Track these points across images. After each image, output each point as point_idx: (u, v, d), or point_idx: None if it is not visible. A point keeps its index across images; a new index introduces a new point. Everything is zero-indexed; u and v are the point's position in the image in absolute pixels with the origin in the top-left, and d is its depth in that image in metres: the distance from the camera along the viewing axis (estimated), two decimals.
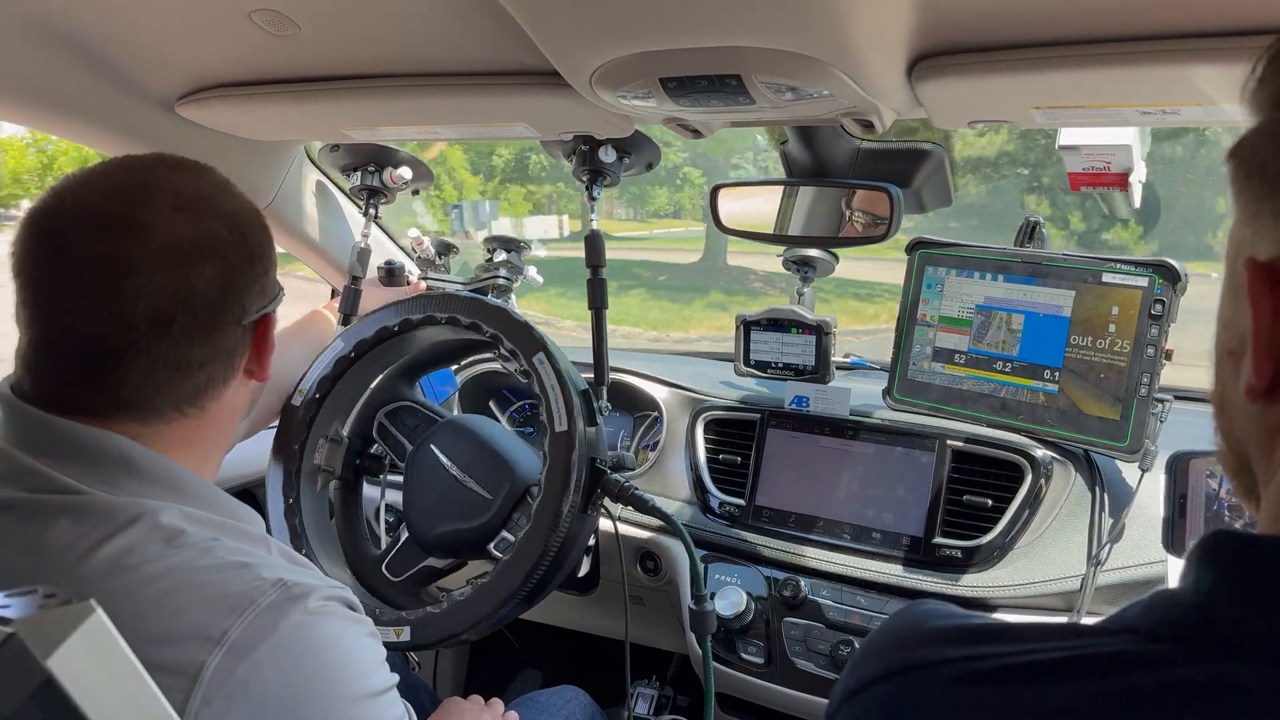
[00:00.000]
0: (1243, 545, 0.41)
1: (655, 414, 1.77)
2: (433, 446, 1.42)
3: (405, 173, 1.59)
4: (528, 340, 1.33)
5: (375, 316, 1.44)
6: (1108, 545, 1.29)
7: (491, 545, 1.36)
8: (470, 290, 1.61)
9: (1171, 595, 0.42)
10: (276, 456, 1.44)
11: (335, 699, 0.71)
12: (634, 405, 1.85)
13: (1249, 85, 0.44)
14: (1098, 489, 1.37)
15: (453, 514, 1.38)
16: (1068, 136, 1.23)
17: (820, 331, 1.58)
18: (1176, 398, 1.35)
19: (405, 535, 1.44)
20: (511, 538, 1.33)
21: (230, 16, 1.06)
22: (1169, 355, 1.34)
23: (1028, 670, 0.43)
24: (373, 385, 1.51)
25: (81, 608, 0.55)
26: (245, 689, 0.66)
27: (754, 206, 1.51)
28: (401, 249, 1.94)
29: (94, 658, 0.54)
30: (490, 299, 1.39)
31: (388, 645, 1.22)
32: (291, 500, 1.42)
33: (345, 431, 1.49)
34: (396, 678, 0.80)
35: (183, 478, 0.79)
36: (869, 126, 1.10)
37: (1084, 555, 1.33)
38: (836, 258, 1.68)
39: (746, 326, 1.65)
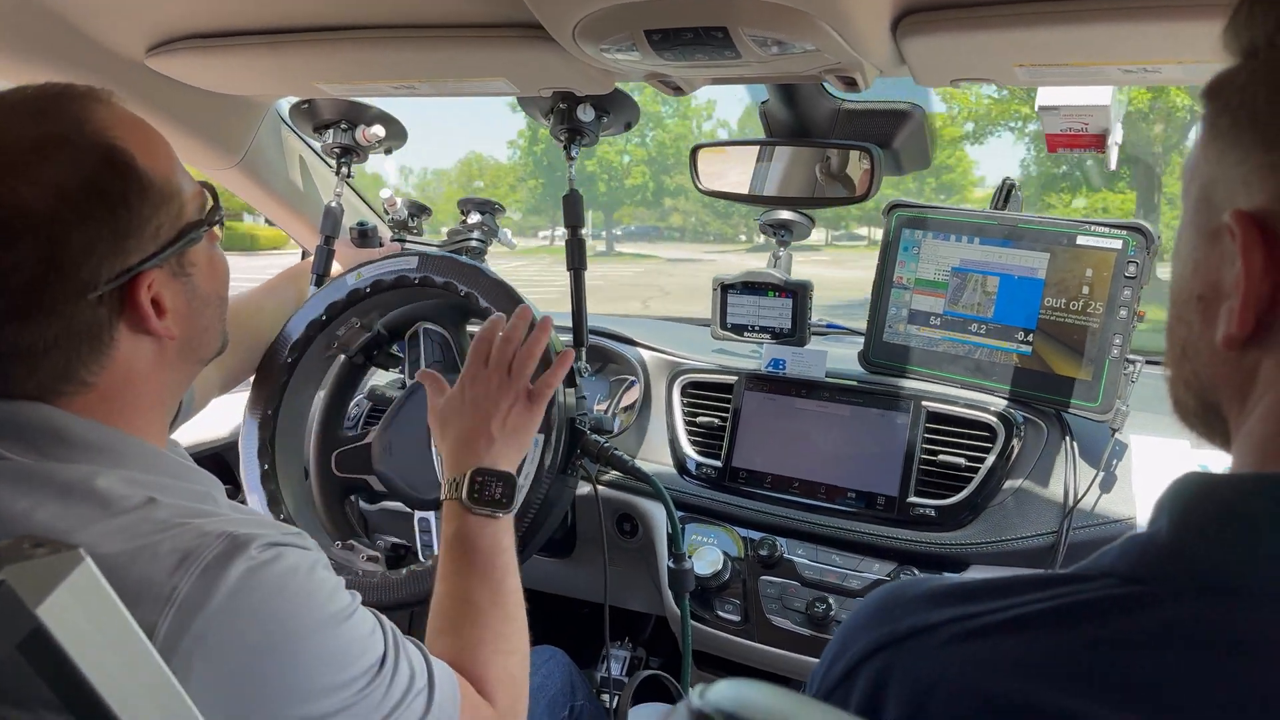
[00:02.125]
0: (1209, 486, 0.42)
1: (633, 377, 1.77)
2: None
3: (378, 130, 1.56)
4: (503, 298, 1.32)
5: (346, 279, 1.43)
6: (1079, 502, 1.32)
7: (417, 516, 1.37)
8: (446, 252, 1.60)
9: (1147, 537, 0.43)
10: (249, 421, 1.44)
11: (302, 631, 0.70)
12: (609, 368, 1.84)
13: (1238, 19, 0.44)
14: (1070, 448, 1.39)
15: (406, 469, 1.40)
16: (1046, 97, 1.24)
17: (797, 294, 1.58)
18: (1148, 361, 1.38)
19: (368, 439, 1.45)
20: (431, 521, 1.36)
21: None
22: (1141, 317, 1.36)
23: (1016, 623, 0.43)
24: (427, 302, 1.50)
25: (70, 555, 0.54)
26: (204, 645, 0.64)
27: (734, 167, 1.50)
28: (374, 210, 1.91)
29: (84, 606, 0.53)
30: (464, 259, 1.38)
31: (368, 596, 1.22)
32: (270, 410, 1.43)
33: (379, 323, 1.49)
34: (359, 597, 0.77)
35: (118, 440, 0.75)
36: (852, 84, 1.09)
37: (1057, 513, 1.35)
38: (812, 220, 1.68)
39: (723, 289, 1.65)
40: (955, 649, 0.44)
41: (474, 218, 1.78)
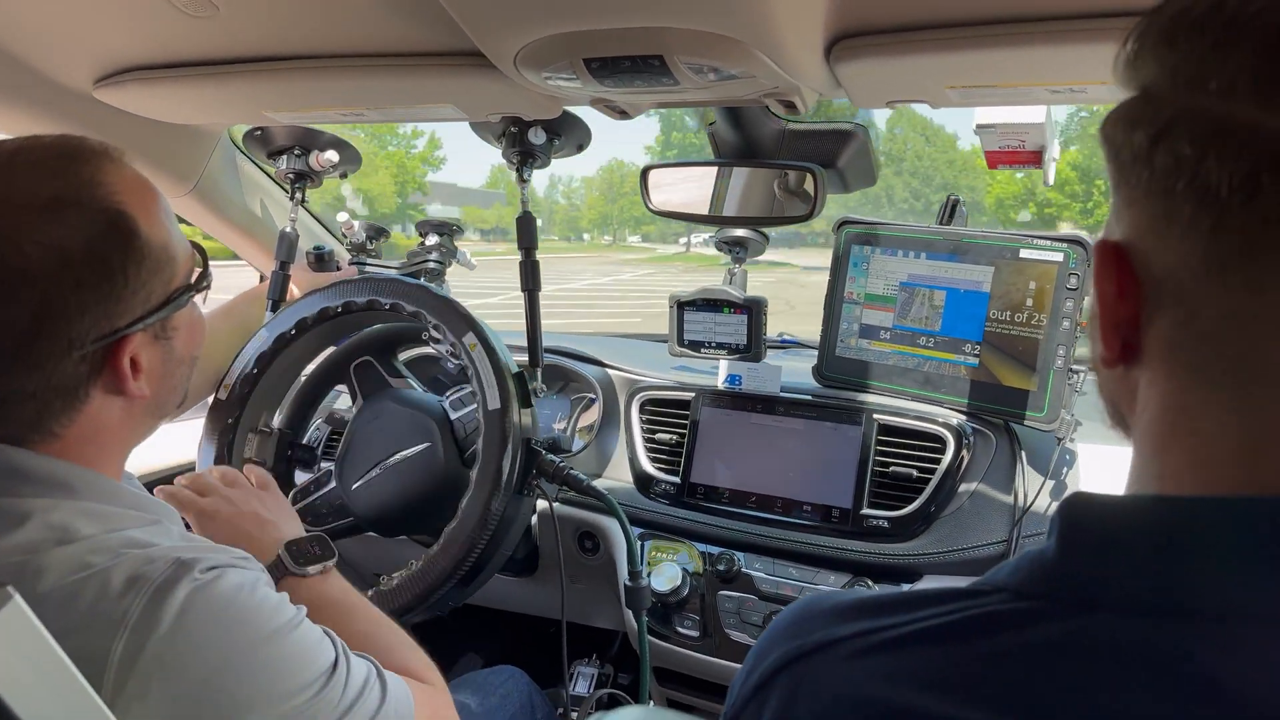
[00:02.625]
0: (1091, 506, 0.44)
1: (592, 395, 1.79)
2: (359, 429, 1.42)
3: (332, 155, 1.57)
4: (454, 318, 1.33)
5: (294, 308, 1.43)
6: (1028, 510, 1.35)
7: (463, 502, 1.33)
8: (402, 275, 1.61)
9: (1037, 553, 0.45)
10: (206, 451, 1.42)
11: (253, 643, 0.71)
12: (569, 387, 1.85)
13: (1119, 61, 0.47)
14: (1019, 458, 1.42)
15: (415, 485, 1.38)
16: (983, 116, 1.27)
17: (752, 310, 1.60)
18: (1090, 370, 1.41)
19: (332, 485, 1.44)
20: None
21: None
22: (1083, 328, 1.39)
23: (916, 638, 0.45)
24: (304, 374, 1.50)
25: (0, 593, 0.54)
26: (160, 665, 0.66)
27: (684, 187, 1.52)
28: (331, 234, 1.92)
29: (13, 645, 0.54)
30: (408, 279, 1.39)
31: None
32: (226, 443, 1.42)
33: (275, 423, 1.48)
34: (304, 610, 0.79)
35: (74, 475, 0.76)
36: (791, 107, 1.12)
37: (1007, 521, 1.38)
38: (766, 238, 1.70)
39: (680, 307, 1.67)
40: (859, 662, 0.46)
41: (432, 239, 1.79)
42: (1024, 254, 1.41)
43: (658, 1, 0.87)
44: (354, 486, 1.41)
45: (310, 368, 1.53)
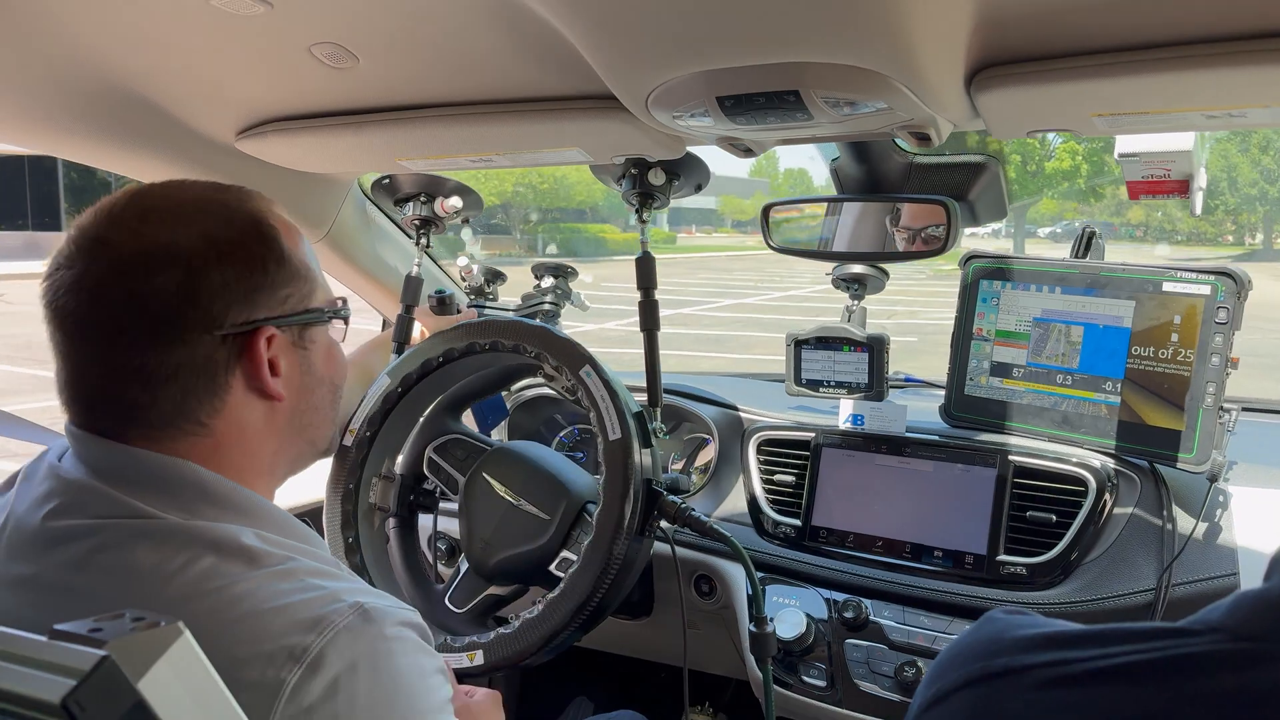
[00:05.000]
0: None
1: (708, 436, 1.77)
2: (485, 475, 1.41)
3: (456, 202, 1.61)
4: (572, 355, 1.33)
5: (418, 350, 1.45)
6: (1178, 557, 1.27)
7: (553, 566, 1.35)
8: (519, 316, 1.63)
9: (1258, 594, 0.43)
10: (332, 495, 1.44)
11: (419, 709, 0.73)
12: (686, 426, 1.84)
13: None
14: (1165, 502, 1.34)
15: (512, 539, 1.37)
16: (1126, 144, 1.22)
17: (874, 349, 1.56)
18: (1245, 409, 1.33)
19: (465, 566, 1.44)
20: (573, 557, 1.32)
21: (290, 51, 1.09)
22: (1234, 363, 1.31)
23: (1114, 673, 0.43)
24: (421, 420, 1.51)
25: (170, 630, 0.55)
26: (331, 702, 0.67)
27: (805, 224, 1.50)
28: (450, 278, 1.96)
29: (182, 680, 0.55)
30: (528, 320, 1.40)
31: (460, 671, 1.21)
32: (351, 539, 1.42)
33: (398, 469, 1.50)
34: (451, 693, 0.81)
35: (254, 501, 0.80)
36: (925, 139, 1.09)
37: (1154, 569, 1.30)
38: (887, 274, 1.67)
39: (797, 345, 1.64)
40: (1047, 693, 0.44)
41: (547, 281, 1.81)
42: (1167, 287, 1.34)
43: (796, 37, 0.86)
44: (491, 542, 1.40)
45: (426, 413, 1.54)
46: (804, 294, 15.55)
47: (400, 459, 1.51)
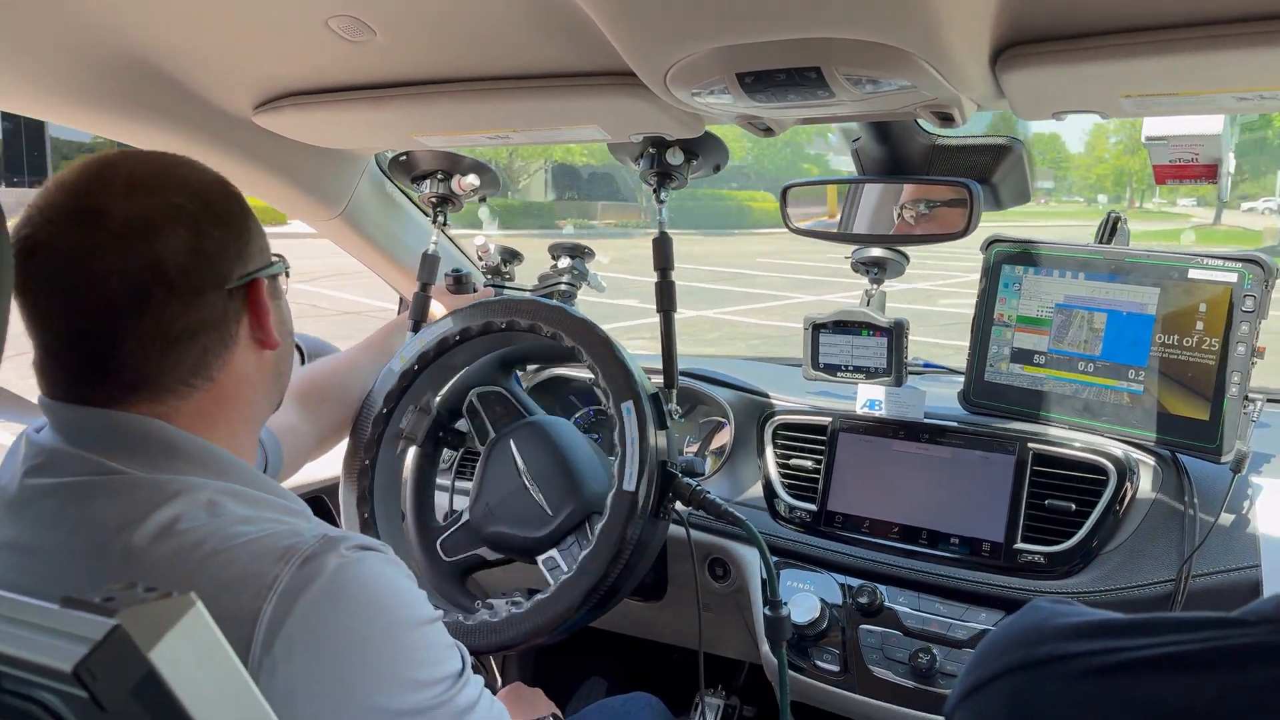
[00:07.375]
0: None
1: (723, 419, 1.76)
2: (511, 443, 1.42)
3: (473, 179, 1.60)
4: (590, 337, 1.32)
5: (435, 328, 1.44)
6: (1199, 548, 1.25)
7: (540, 559, 1.35)
8: (536, 296, 1.62)
9: None
10: (362, 420, 1.46)
11: (398, 624, 0.74)
12: (702, 409, 1.83)
13: None
14: (1187, 492, 1.32)
15: (511, 518, 1.38)
16: (1153, 127, 1.19)
17: (893, 333, 1.55)
18: (1269, 400, 1.31)
19: (466, 518, 1.45)
20: (559, 559, 1.34)
21: (307, 24, 1.08)
22: (1260, 353, 1.29)
23: (1160, 662, 0.42)
24: (471, 365, 1.52)
25: (183, 600, 0.55)
26: (306, 627, 0.68)
27: (824, 206, 1.49)
28: (466, 257, 1.95)
29: (194, 651, 0.54)
30: (545, 299, 1.39)
31: (473, 649, 1.22)
32: (367, 461, 1.44)
33: (435, 402, 1.50)
34: (441, 612, 0.82)
35: (222, 457, 0.81)
36: (948, 119, 1.07)
37: (1174, 560, 1.28)
38: (907, 258, 1.65)
39: (815, 329, 1.62)
40: (1091, 682, 0.44)
41: (564, 262, 1.80)
42: (1193, 274, 1.32)
43: (819, 12, 0.84)
44: (494, 511, 1.41)
45: (478, 361, 1.54)
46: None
47: (441, 394, 1.52)
